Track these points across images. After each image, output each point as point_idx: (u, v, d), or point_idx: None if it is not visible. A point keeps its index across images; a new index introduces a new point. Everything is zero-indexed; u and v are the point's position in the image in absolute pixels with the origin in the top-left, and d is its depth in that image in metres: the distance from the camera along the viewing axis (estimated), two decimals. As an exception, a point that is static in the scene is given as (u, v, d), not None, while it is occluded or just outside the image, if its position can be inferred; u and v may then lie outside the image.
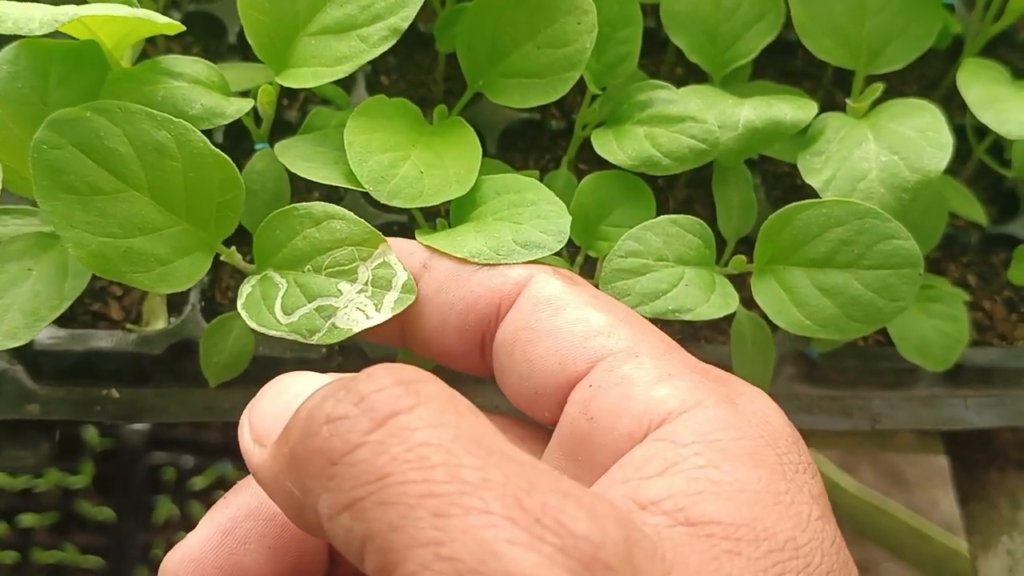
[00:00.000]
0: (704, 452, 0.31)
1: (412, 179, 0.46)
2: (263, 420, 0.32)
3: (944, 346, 0.55)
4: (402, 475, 0.25)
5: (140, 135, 0.41)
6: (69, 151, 0.40)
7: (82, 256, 0.41)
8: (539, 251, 0.42)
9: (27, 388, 0.54)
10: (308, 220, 0.43)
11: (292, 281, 0.43)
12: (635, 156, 0.50)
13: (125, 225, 0.41)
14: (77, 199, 0.40)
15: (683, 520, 0.29)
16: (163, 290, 0.43)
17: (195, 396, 0.55)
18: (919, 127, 0.49)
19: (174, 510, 0.95)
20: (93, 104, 0.40)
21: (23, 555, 0.89)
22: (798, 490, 0.31)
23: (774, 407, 0.35)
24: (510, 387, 0.39)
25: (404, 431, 0.26)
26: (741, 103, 0.51)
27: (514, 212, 0.46)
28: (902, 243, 0.46)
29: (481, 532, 0.24)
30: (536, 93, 0.51)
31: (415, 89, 0.67)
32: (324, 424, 0.28)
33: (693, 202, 0.65)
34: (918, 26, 0.54)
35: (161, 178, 0.42)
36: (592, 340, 0.37)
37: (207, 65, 0.48)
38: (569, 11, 0.50)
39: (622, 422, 0.34)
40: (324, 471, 0.27)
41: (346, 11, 0.47)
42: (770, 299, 0.48)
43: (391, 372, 0.29)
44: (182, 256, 0.43)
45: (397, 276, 0.41)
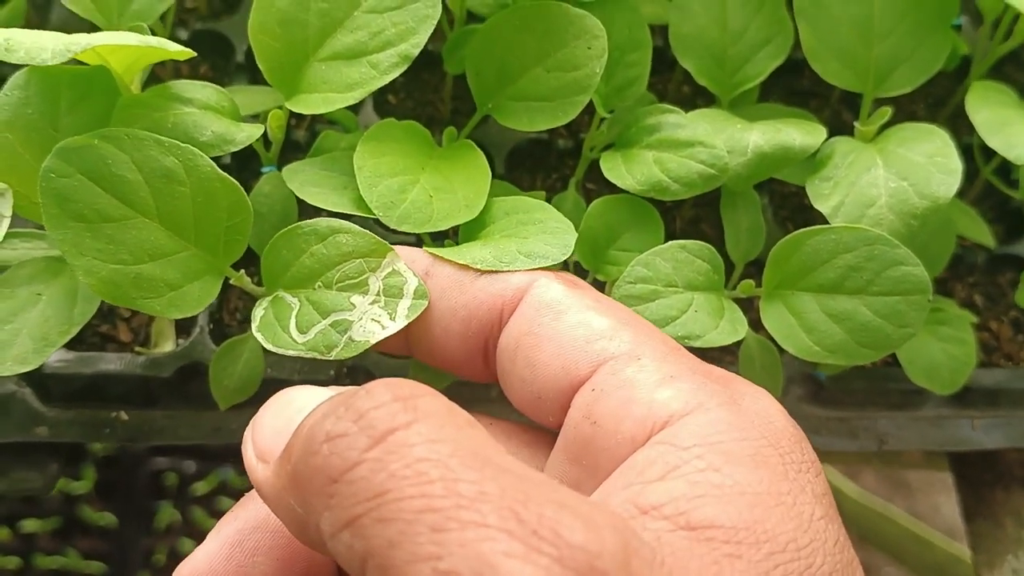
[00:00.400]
0: (706, 455, 0.31)
1: (421, 204, 0.46)
2: (266, 436, 0.33)
3: (952, 369, 0.55)
4: (400, 491, 0.26)
5: (148, 162, 0.41)
6: (77, 179, 0.40)
7: (93, 284, 0.41)
8: (542, 260, 0.42)
9: (35, 410, 0.54)
10: (314, 237, 0.43)
11: (304, 299, 0.43)
12: (644, 181, 0.51)
13: (135, 251, 0.41)
14: (86, 227, 0.41)
15: (684, 524, 0.29)
16: (174, 315, 0.43)
17: (204, 418, 0.55)
18: (928, 153, 0.49)
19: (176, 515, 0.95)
20: (101, 132, 0.41)
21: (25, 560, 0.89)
22: (800, 490, 0.31)
23: (777, 407, 0.35)
24: (514, 392, 0.39)
25: (402, 447, 0.27)
26: (750, 128, 0.51)
27: (521, 229, 0.46)
28: (911, 269, 0.46)
29: (478, 545, 0.24)
30: (545, 117, 0.51)
31: (422, 108, 0.67)
32: (324, 442, 0.28)
33: (700, 222, 0.65)
34: (926, 50, 0.54)
35: (170, 204, 0.42)
36: (594, 344, 0.37)
37: (217, 90, 0.48)
38: (579, 35, 0.51)
39: (625, 426, 0.34)
40: (325, 489, 0.27)
41: (356, 37, 0.47)
42: (779, 324, 0.48)
43: (390, 388, 0.29)
44: (192, 281, 0.43)
45: (408, 283, 0.41)
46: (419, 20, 0.47)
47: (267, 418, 0.34)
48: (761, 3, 0.56)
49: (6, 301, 0.46)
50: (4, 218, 0.45)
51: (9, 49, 0.41)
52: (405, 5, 0.47)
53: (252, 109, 0.52)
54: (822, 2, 0.54)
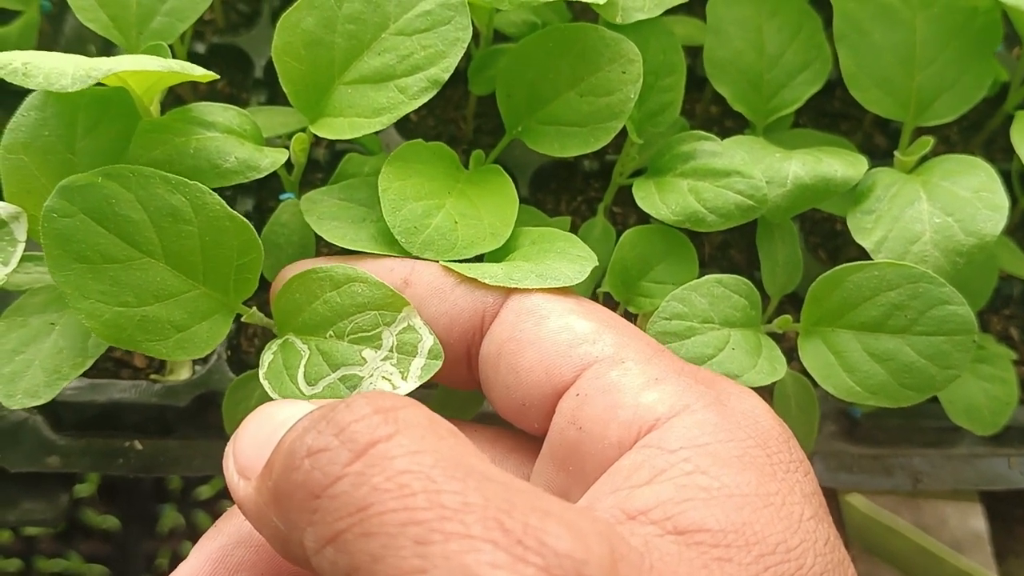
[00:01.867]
0: (693, 458, 0.31)
1: (446, 230, 0.45)
2: (247, 452, 0.32)
3: (993, 410, 0.53)
4: (382, 505, 0.25)
5: (154, 200, 0.40)
6: (80, 219, 0.39)
7: (95, 327, 0.40)
8: (554, 281, 0.41)
9: (47, 439, 0.53)
10: (328, 283, 0.41)
11: (314, 348, 0.41)
12: (679, 211, 0.49)
13: (140, 293, 0.40)
14: (89, 268, 0.39)
15: (671, 529, 0.29)
16: (181, 357, 0.42)
17: (219, 448, 0.53)
18: (973, 187, 0.48)
19: (179, 520, 0.94)
20: (105, 169, 0.39)
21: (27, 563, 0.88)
22: (789, 490, 0.31)
23: (763, 406, 0.35)
24: (497, 399, 0.39)
25: (384, 460, 0.27)
26: (789, 157, 0.50)
27: (541, 256, 0.45)
28: (956, 309, 0.45)
29: (463, 557, 0.24)
30: (577, 142, 0.50)
31: (444, 126, 0.66)
32: (305, 457, 0.28)
33: (729, 247, 0.63)
34: (969, 78, 0.53)
35: (176, 243, 0.40)
36: (577, 348, 0.36)
37: (239, 113, 0.47)
38: (614, 59, 0.49)
39: (611, 430, 0.34)
40: (307, 505, 0.27)
41: (384, 60, 0.46)
42: (818, 363, 0.47)
43: (370, 400, 0.29)
44: (200, 321, 0.42)
45: (423, 341, 0.40)
46: (449, 43, 0.46)
47: (248, 433, 0.33)
48: (799, 28, 0.54)
49: (18, 330, 0.45)
50: (19, 243, 0.44)
51: (27, 74, 0.40)
52: (435, 27, 0.46)
53: (274, 131, 0.50)
54: (864, 28, 0.52)
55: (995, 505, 0.69)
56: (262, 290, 0.44)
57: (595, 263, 0.44)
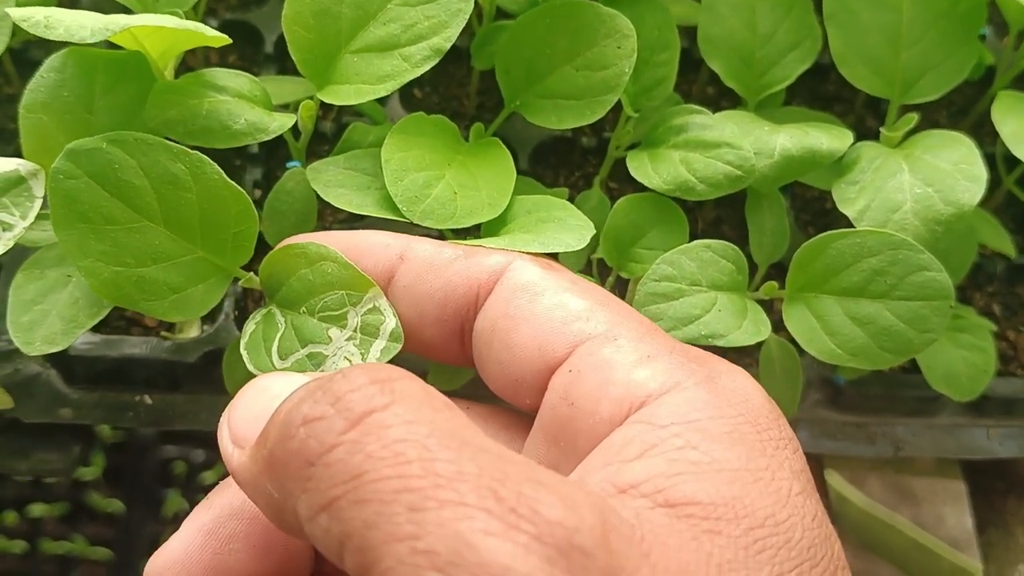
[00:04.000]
0: (683, 433, 0.31)
1: (445, 200, 0.46)
2: (241, 422, 0.33)
3: (971, 377, 0.55)
4: (377, 472, 0.26)
5: (155, 167, 0.41)
6: (85, 182, 0.40)
7: (95, 285, 0.41)
8: (555, 247, 0.42)
9: (60, 392, 0.55)
10: (303, 260, 0.42)
11: (289, 323, 0.42)
12: (670, 180, 0.51)
13: (138, 255, 0.42)
14: (91, 229, 0.41)
15: (662, 502, 0.29)
16: (176, 318, 0.43)
17: (225, 403, 0.55)
18: (953, 160, 0.50)
19: (183, 504, 0.95)
20: (110, 136, 0.41)
21: (32, 545, 0.89)
22: (778, 466, 0.32)
23: (754, 384, 0.35)
24: (491, 375, 0.39)
25: (379, 429, 0.27)
26: (777, 130, 0.52)
27: (540, 226, 0.47)
28: (934, 275, 0.46)
29: (456, 524, 0.24)
30: (573, 115, 0.52)
31: (448, 102, 0.68)
32: (301, 425, 0.28)
33: (722, 223, 0.65)
34: (954, 59, 0.55)
35: (176, 209, 0.42)
36: (571, 325, 0.37)
37: (250, 79, 0.49)
38: (609, 35, 0.51)
39: (602, 406, 0.34)
40: (301, 472, 0.27)
41: (389, 30, 0.48)
42: (801, 327, 0.49)
43: (367, 371, 0.29)
44: (196, 283, 0.43)
45: (386, 323, 0.40)
46: (451, 14, 0.47)
47: (243, 405, 0.34)
48: (790, 7, 0.56)
49: (36, 282, 0.46)
50: (36, 199, 0.46)
51: (49, 26, 0.41)
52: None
53: (283, 99, 0.52)
54: (852, 8, 0.54)
55: (976, 477, 0.70)
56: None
57: (593, 231, 0.46)
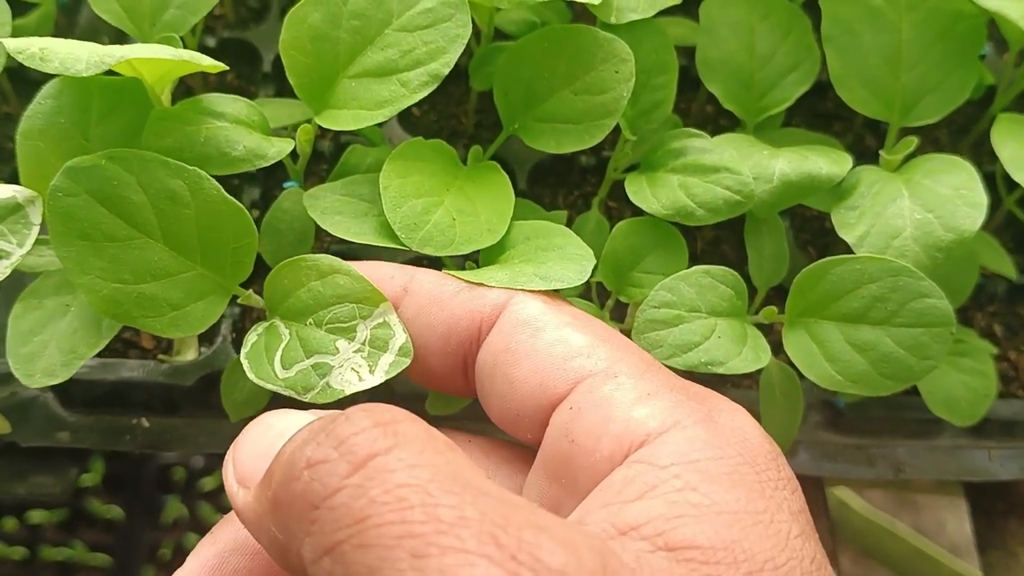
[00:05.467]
0: (683, 474, 0.31)
1: (444, 227, 0.46)
2: (246, 461, 0.33)
3: (971, 402, 0.55)
4: (380, 517, 0.26)
5: (154, 183, 0.41)
6: (84, 199, 0.40)
7: (94, 301, 0.41)
8: (557, 283, 0.42)
9: (57, 415, 0.55)
10: (314, 272, 0.43)
11: (294, 334, 0.43)
12: (669, 205, 0.51)
13: (137, 271, 0.42)
14: (90, 245, 0.41)
15: (662, 545, 0.29)
16: (175, 335, 0.43)
17: (224, 427, 0.55)
18: (954, 185, 0.49)
19: (183, 511, 0.95)
20: (109, 152, 0.41)
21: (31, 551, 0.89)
22: (777, 508, 0.32)
23: (753, 424, 0.35)
24: (493, 409, 0.39)
25: (382, 473, 0.27)
26: (776, 154, 0.51)
27: (540, 255, 0.46)
28: (935, 302, 0.46)
29: (458, 571, 0.24)
30: (571, 139, 0.51)
31: (446, 121, 0.67)
32: (305, 468, 0.28)
33: (721, 243, 0.65)
34: (953, 81, 0.55)
35: (174, 225, 0.42)
36: (572, 361, 0.37)
37: (247, 104, 0.49)
38: (607, 59, 0.51)
39: (602, 444, 0.34)
40: (305, 515, 0.27)
41: (387, 55, 0.48)
42: (801, 352, 0.48)
43: (370, 414, 0.29)
44: (196, 300, 0.43)
45: (395, 338, 0.41)
46: (449, 40, 0.47)
47: (248, 442, 0.34)
48: (789, 28, 0.56)
49: (34, 312, 0.46)
50: (34, 225, 0.45)
51: (44, 59, 0.41)
52: (436, 24, 0.47)
53: (281, 122, 0.52)
54: (851, 30, 0.54)
55: (977, 498, 0.70)
56: (264, 274, 0.45)
57: (593, 262, 0.45)
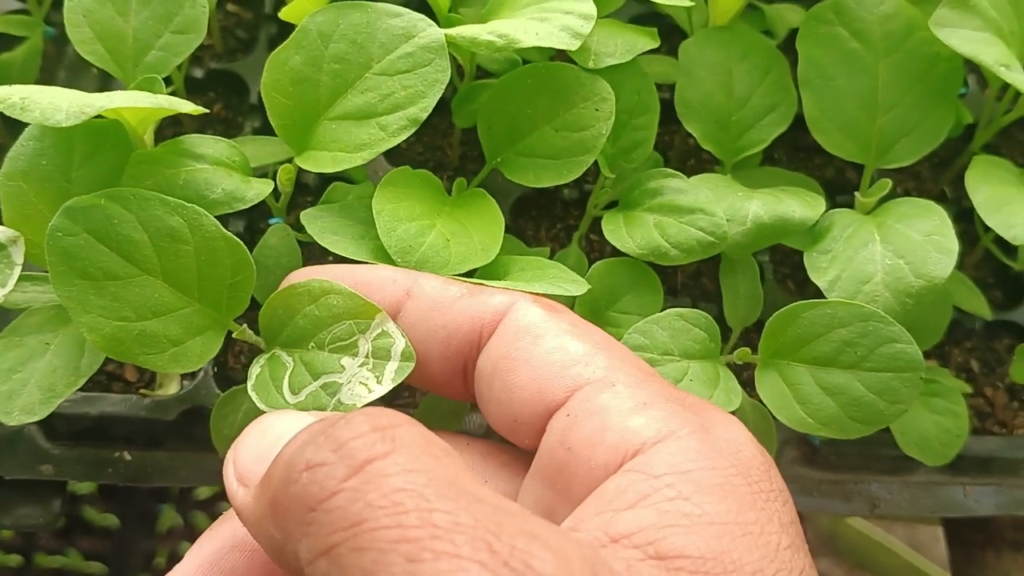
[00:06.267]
0: (676, 484, 0.32)
1: (439, 248, 0.47)
2: (246, 461, 0.33)
3: (943, 442, 0.56)
4: (376, 521, 0.26)
5: (153, 221, 0.42)
6: (84, 238, 0.41)
7: (96, 340, 0.42)
8: (559, 290, 0.44)
9: (41, 448, 0.55)
10: (307, 298, 0.43)
11: (298, 360, 0.43)
12: (644, 245, 0.51)
13: (139, 308, 0.42)
14: (91, 284, 0.42)
15: (653, 554, 0.30)
16: (175, 370, 0.44)
17: (207, 461, 0.56)
18: (926, 231, 0.50)
19: (177, 519, 0.95)
20: (108, 192, 0.42)
21: (27, 559, 0.90)
22: (768, 520, 0.32)
23: (747, 435, 0.36)
24: (491, 414, 0.40)
25: (379, 477, 0.28)
26: (751, 196, 0.52)
27: (536, 280, 0.47)
28: (905, 347, 0.47)
29: None
30: (551, 174, 0.52)
31: (431, 153, 0.68)
32: (303, 471, 0.29)
33: (702, 276, 0.66)
34: (930, 123, 0.55)
35: (174, 262, 0.43)
36: (570, 369, 0.37)
37: (228, 144, 0.49)
38: (588, 97, 0.52)
39: (598, 452, 0.34)
40: (303, 517, 0.28)
41: (367, 99, 0.48)
42: (773, 394, 0.49)
43: (369, 417, 0.30)
44: (194, 336, 0.44)
45: (396, 344, 0.41)
46: (428, 84, 0.48)
47: (248, 443, 0.34)
48: (767, 70, 0.57)
49: (15, 350, 0.47)
50: (16, 265, 0.46)
51: (25, 108, 0.42)
52: (415, 69, 0.48)
53: (262, 161, 0.53)
54: (827, 73, 0.55)
55: (955, 529, 0.71)
56: (253, 309, 0.46)
57: (587, 286, 0.47)
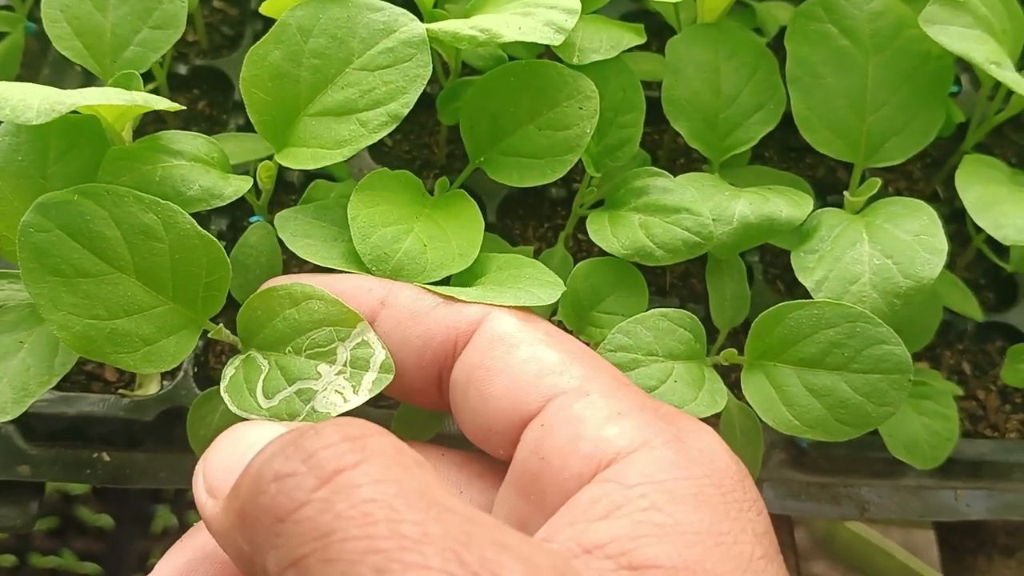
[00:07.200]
0: (649, 494, 0.32)
1: (415, 254, 0.46)
2: (216, 472, 0.33)
3: (933, 445, 0.55)
4: (345, 532, 0.26)
5: (127, 218, 0.41)
6: (56, 235, 0.41)
7: (67, 338, 0.41)
8: (529, 300, 0.43)
9: (19, 448, 0.54)
10: (287, 301, 0.43)
11: (274, 363, 0.43)
12: (629, 245, 0.51)
13: (111, 307, 0.42)
14: (63, 282, 0.41)
15: (625, 564, 0.30)
16: (148, 370, 0.43)
17: (186, 461, 0.55)
18: (914, 231, 0.49)
19: (172, 520, 0.94)
20: (80, 188, 0.41)
21: (21, 559, 0.89)
22: (741, 529, 0.32)
23: (721, 445, 0.36)
24: (466, 423, 0.39)
25: (348, 488, 0.27)
26: (738, 196, 0.51)
27: (512, 281, 0.46)
28: (892, 349, 0.46)
29: None
30: (534, 173, 0.52)
31: (418, 151, 0.67)
32: (272, 481, 0.28)
33: (691, 276, 0.65)
34: (920, 122, 0.54)
35: (148, 260, 0.42)
36: (544, 378, 0.37)
37: (207, 141, 0.49)
38: (572, 95, 0.51)
39: (572, 462, 0.34)
40: (272, 528, 0.28)
41: (347, 95, 0.48)
42: (759, 396, 0.48)
43: (339, 428, 0.30)
44: (168, 335, 0.43)
45: (375, 355, 0.41)
46: (409, 80, 0.47)
47: (218, 454, 0.34)
48: (755, 68, 0.56)
49: (-13, 348, 0.46)
50: (-9, 262, 0.46)
51: (-5, 105, 0.41)
52: (396, 64, 0.47)
53: (243, 157, 0.52)
54: (816, 72, 0.54)
55: (947, 533, 0.70)
56: (232, 308, 0.45)
57: (563, 288, 0.46)
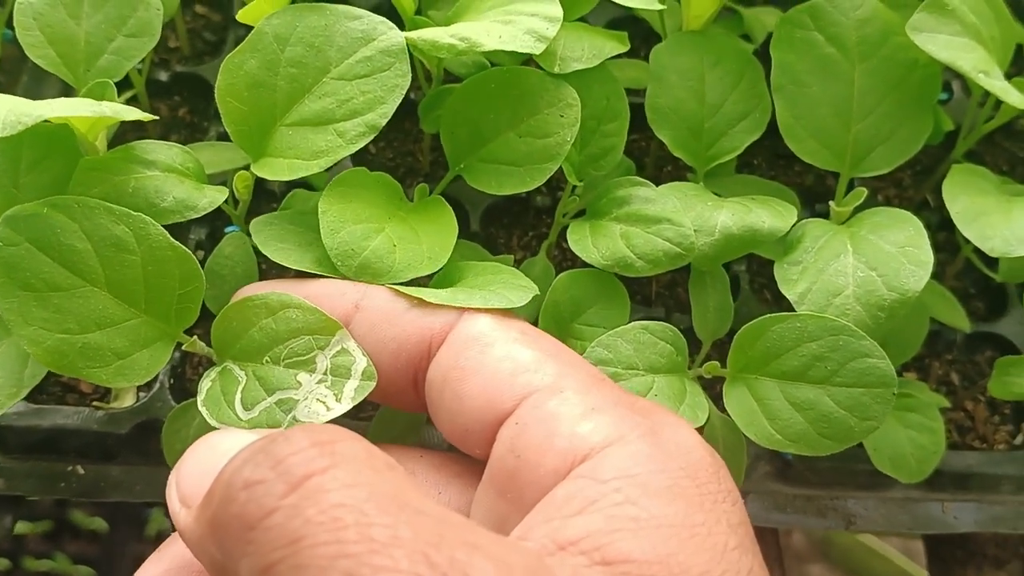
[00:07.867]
0: (624, 488, 0.32)
1: (383, 253, 0.45)
2: (189, 481, 0.33)
3: (919, 458, 0.54)
4: (315, 537, 0.26)
5: (98, 230, 0.41)
6: (25, 248, 0.40)
7: (38, 353, 0.41)
8: (498, 302, 0.42)
9: (-7, 461, 0.54)
10: (264, 310, 0.42)
11: (251, 374, 0.42)
12: (609, 256, 0.50)
13: (82, 320, 0.41)
14: (33, 296, 0.40)
15: (600, 560, 0.30)
16: (122, 384, 0.43)
17: (161, 474, 0.53)
18: (899, 242, 0.49)
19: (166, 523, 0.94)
20: (51, 200, 0.40)
21: (14, 562, 0.89)
22: (716, 521, 0.32)
23: (696, 437, 0.35)
24: (442, 424, 0.39)
25: (318, 493, 0.27)
26: (720, 206, 0.50)
27: (486, 284, 0.46)
28: (876, 362, 0.45)
29: None
30: (513, 181, 0.51)
31: (402, 158, 0.67)
32: (242, 489, 0.28)
33: (677, 285, 0.64)
34: (906, 131, 0.54)
35: (120, 273, 0.41)
36: (519, 377, 0.37)
37: (182, 150, 0.48)
38: (553, 103, 0.50)
39: (547, 458, 0.34)
40: (243, 536, 0.28)
41: (324, 104, 0.47)
42: (741, 409, 0.48)
43: (309, 433, 0.29)
44: (141, 348, 0.43)
45: (356, 363, 0.41)
46: (388, 90, 0.47)
47: (191, 462, 0.34)
48: (740, 76, 0.55)
49: (-44, 361, 0.46)
50: (-39, 273, 0.45)
51: (-40, 117, 0.41)
52: (374, 73, 0.47)
53: (219, 167, 0.51)
54: (801, 80, 0.53)
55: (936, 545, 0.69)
56: (208, 319, 0.44)
57: (536, 291, 0.45)
